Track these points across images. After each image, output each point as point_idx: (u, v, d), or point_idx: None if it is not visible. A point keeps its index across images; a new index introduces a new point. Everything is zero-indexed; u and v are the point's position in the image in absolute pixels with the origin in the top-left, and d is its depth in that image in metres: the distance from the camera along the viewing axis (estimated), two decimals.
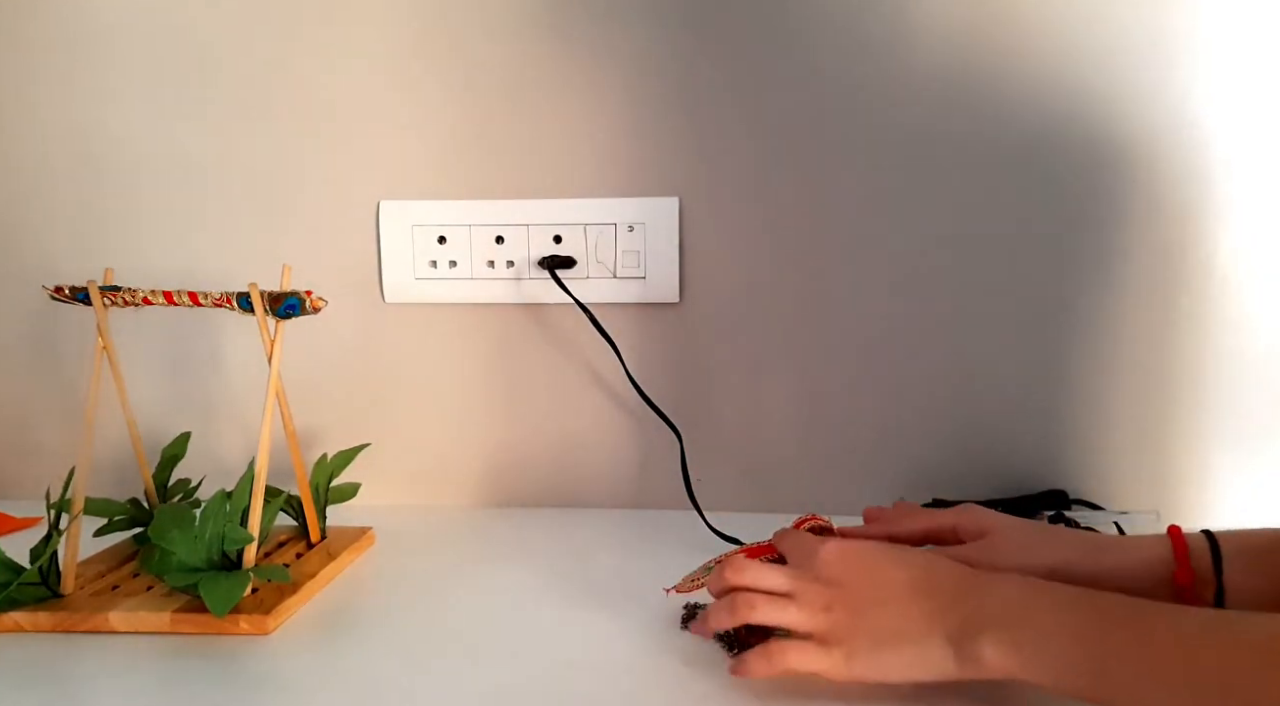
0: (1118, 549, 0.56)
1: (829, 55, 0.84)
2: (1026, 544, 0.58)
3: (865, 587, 0.52)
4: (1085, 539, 0.59)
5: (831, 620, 0.51)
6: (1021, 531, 0.59)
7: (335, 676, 0.58)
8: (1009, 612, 0.47)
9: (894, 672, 0.49)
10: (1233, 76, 0.80)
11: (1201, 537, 0.54)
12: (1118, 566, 0.55)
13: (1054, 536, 0.59)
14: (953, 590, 0.50)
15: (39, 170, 0.92)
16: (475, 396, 0.92)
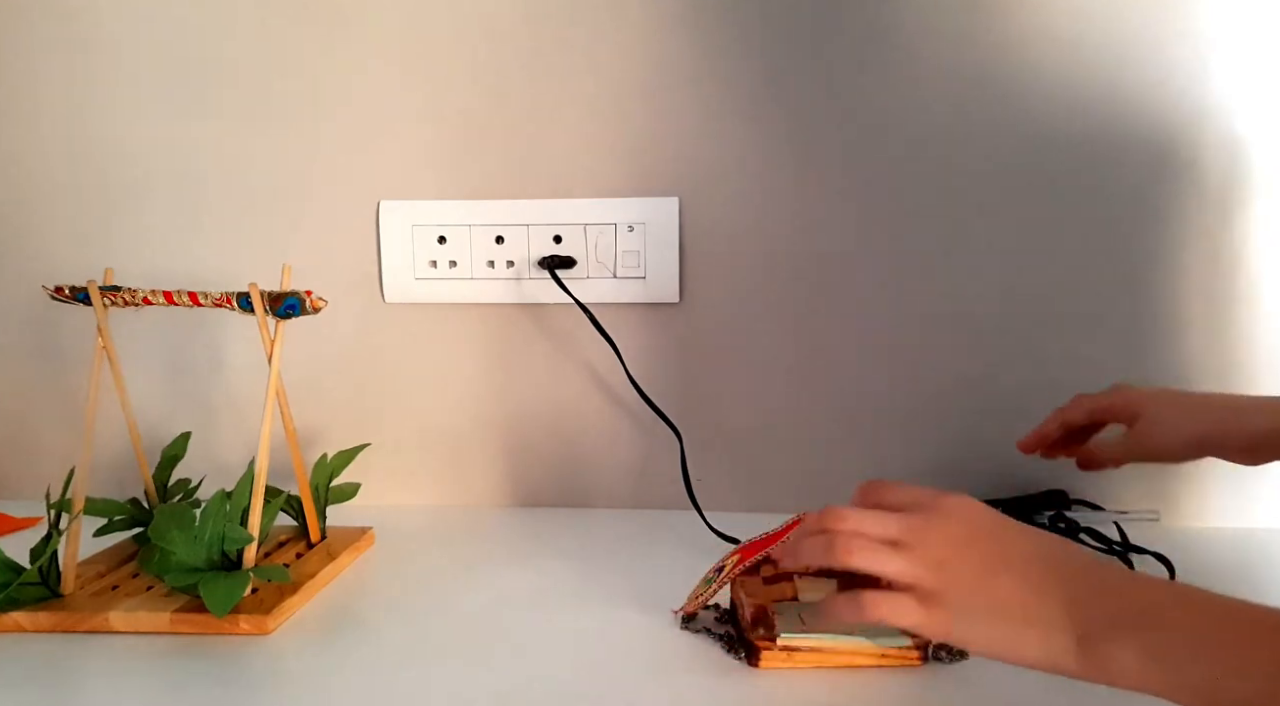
0: (1262, 412, 0.61)
1: (829, 54, 0.84)
2: (1177, 424, 0.62)
3: (992, 549, 0.46)
4: (1231, 405, 0.62)
5: (943, 578, 0.46)
6: (1172, 408, 0.63)
7: (335, 676, 0.58)
8: (1156, 618, 0.43)
9: (1005, 648, 0.45)
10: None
11: None
12: (1270, 428, 0.60)
13: (1203, 409, 0.63)
14: (1093, 582, 0.45)
15: (39, 170, 0.92)
16: (475, 396, 0.92)
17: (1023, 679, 0.57)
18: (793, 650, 0.58)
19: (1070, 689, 0.56)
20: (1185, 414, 0.63)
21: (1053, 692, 0.55)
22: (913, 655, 0.58)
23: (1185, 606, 0.43)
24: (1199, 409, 0.64)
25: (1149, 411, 0.64)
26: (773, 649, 0.58)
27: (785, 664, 0.58)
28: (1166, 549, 0.75)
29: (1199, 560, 0.78)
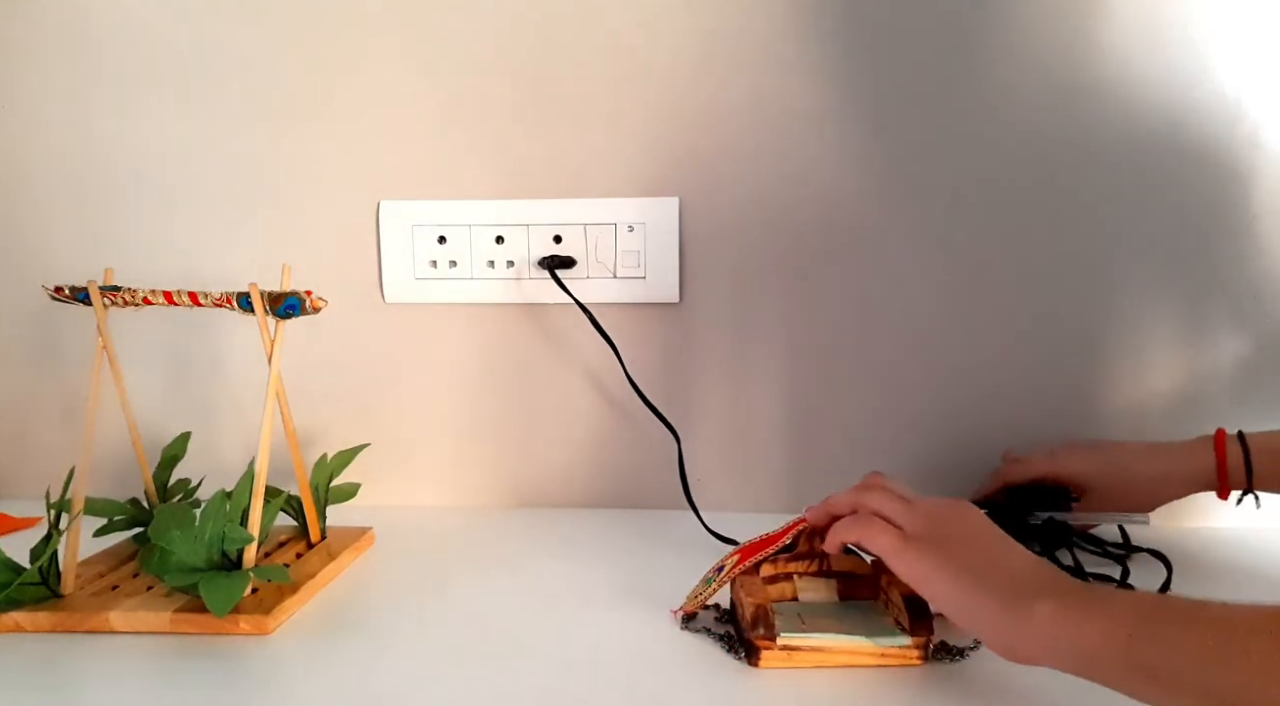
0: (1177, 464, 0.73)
1: (830, 55, 0.84)
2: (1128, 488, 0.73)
3: (964, 528, 0.55)
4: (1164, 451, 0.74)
5: (924, 526, 0.55)
6: (1110, 475, 0.74)
7: (335, 676, 0.58)
8: (1074, 589, 0.49)
9: (943, 586, 0.53)
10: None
11: (1235, 441, 0.70)
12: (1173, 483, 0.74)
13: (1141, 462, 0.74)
14: (1031, 567, 0.53)
15: (39, 170, 0.92)
16: (475, 396, 0.92)
17: (1023, 679, 0.57)
18: (793, 649, 0.58)
19: (1071, 689, 0.56)
20: (1128, 478, 0.73)
21: (1053, 693, 0.55)
22: (913, 655, 0.58)
23: (1103, 590, 0.49)
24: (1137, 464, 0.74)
25: (1095, 487, 0.73)
26: (773, 648, 0.57)
27: (785, 663, 0.58)
28: (1166, 549, 0.75)
29: (1198, 560, 0.78)
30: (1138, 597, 0.47)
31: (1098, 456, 0.76)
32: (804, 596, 0.63)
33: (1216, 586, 0.73)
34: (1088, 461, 0.76)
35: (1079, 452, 0.77)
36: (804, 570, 0.64)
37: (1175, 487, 0.74)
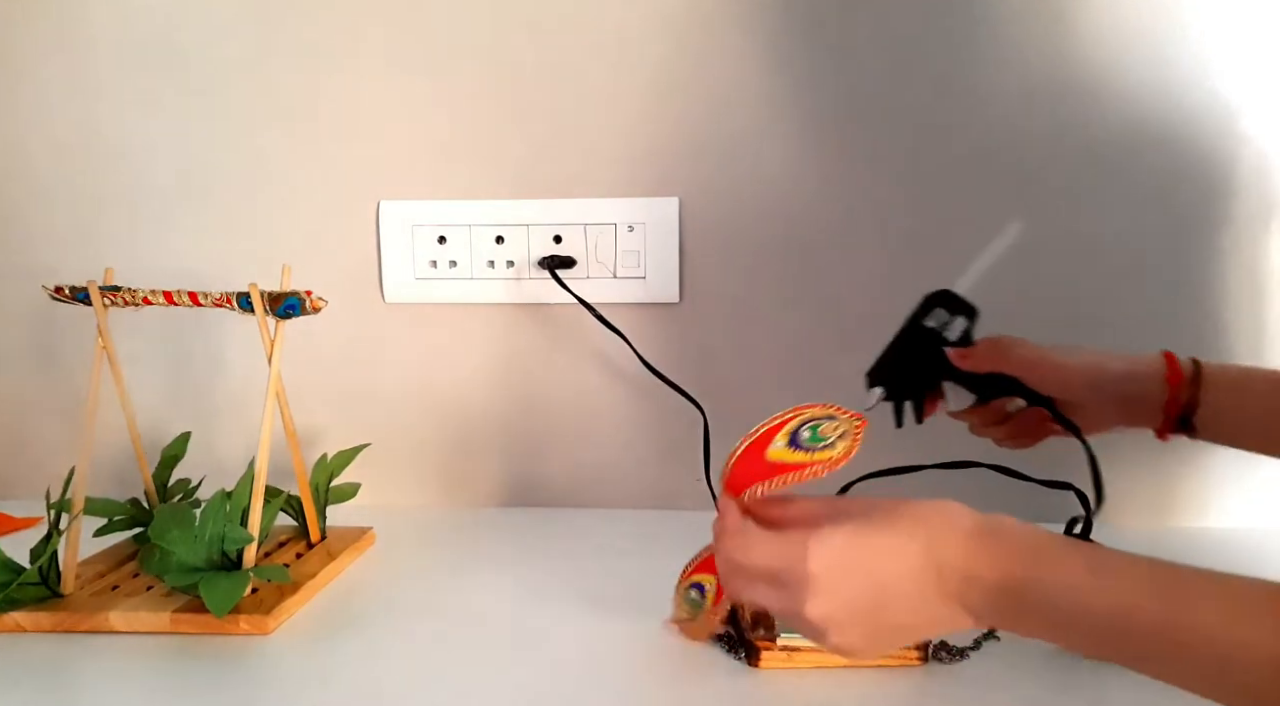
0: (1136, 357, 0.64)
1: (830, 55, 0.84)
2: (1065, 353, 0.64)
3: (864, 593, 0.46)
4: (1097, 351, 0.65)
5: (827, 630, 0.47)
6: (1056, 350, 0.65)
7: (335, 676, 0.58)
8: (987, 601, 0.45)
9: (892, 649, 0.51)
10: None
11: (1190, 363, 0.63)
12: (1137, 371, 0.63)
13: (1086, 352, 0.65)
14: (957, 558, 0.46)
15: (39, 170, 0.92)
16: (475, 396, 0.92)
17: (1023, 679, 0.57)
18: (793, 650, 0.58)
19: (1071, 689, 0.56)
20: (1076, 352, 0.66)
21: (1053, 692, 0.55)
22: (912, 655, 0.58)
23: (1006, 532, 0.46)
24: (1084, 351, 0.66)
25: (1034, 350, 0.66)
26: (773, 649, 0.58)
27: (785, 664, 0.58)
28: (1164, 549, 0.75)
29: (1193, 561, 0.78)
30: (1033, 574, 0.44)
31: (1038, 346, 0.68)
32: None
33: None
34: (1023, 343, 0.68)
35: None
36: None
37: (1114, 362, 0.65)
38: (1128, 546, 0.75)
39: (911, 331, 0.68)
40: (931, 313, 0.67)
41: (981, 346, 0.66)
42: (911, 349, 0.67)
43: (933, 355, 0.67)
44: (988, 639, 0.62)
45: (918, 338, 0.67)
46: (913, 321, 0.68)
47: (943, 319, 0.67)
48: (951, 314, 0.67)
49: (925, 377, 0.67)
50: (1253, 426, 0.62)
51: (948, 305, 0.67)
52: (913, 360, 0.67)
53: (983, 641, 0.61)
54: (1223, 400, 0.61)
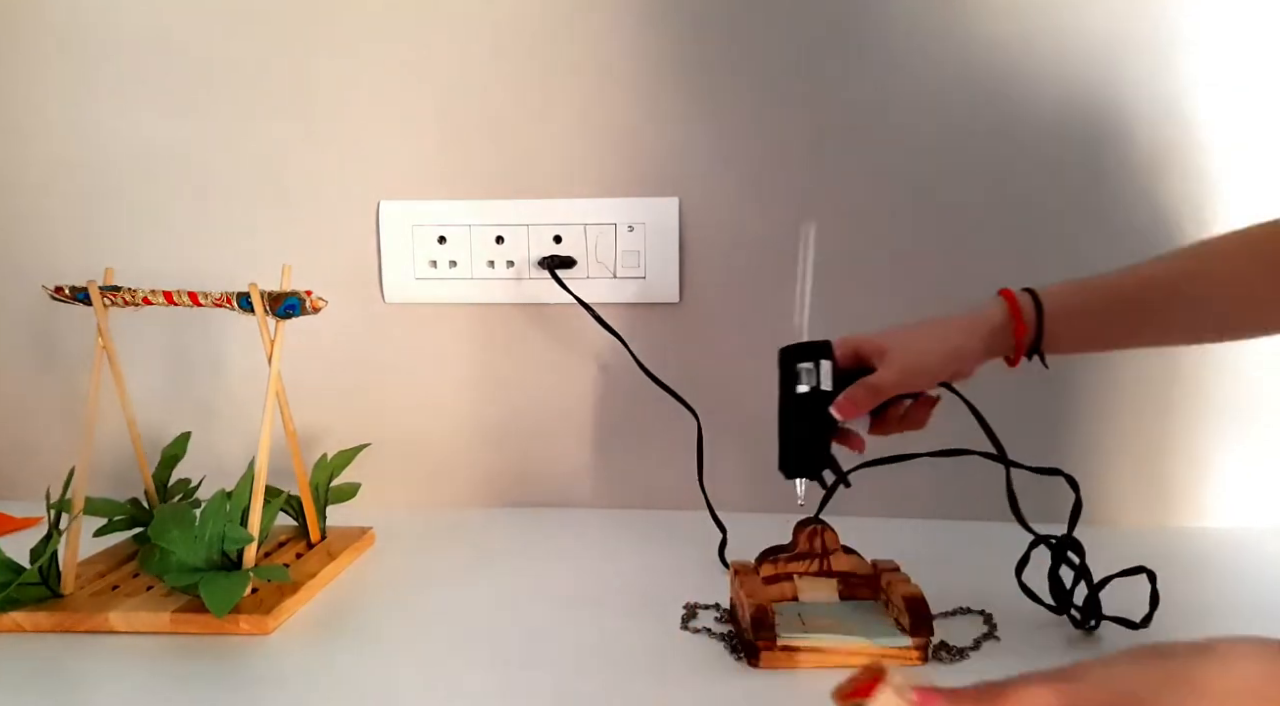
0: (978, 322, 0.64)
1: (829, 56, 0.84)
2: (919, 346, 0.64)
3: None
4: (952, 323, 0.65)
5: None
6: (911, 336, 0.65)
7: (335, 676, 0.58)
8: None
9: None
10: (1232, 74, 0.80)
11: (1027, 297, 0.64)
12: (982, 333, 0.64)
13: (935, 334, 0.65)
14: None
15: (39, 170, 0.92)
16: (475, 396, 0.92)
17: None
18: (793, 650, 0.58)
19: None
20: (921, 339, 0.65)
21: None
22: (913, 654, 0.58)
23: None
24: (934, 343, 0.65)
25: (891, 348, 0.65)
26: (773, 649, 0.57)
27: (785, 664, 0.58)
28: (1162, 548, 0.75)
29: (1189, 560, 0.78)
30: None
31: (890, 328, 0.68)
32: (804, 596, 0.64)
33: (1207, 587, 0.73)
34: (878, 331, 0.67)
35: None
36: (805, 570, 0.64)
37: (969, 339, 0.64)
38: (1126, 546, 0.75)
39: (790, 406, 0.65)
40: (796, 372, 0.65)
41: (857, 395, 0.63)
42: (801, 422, 0.64)
43: (821, 417, 0.64)
44: (987, 638, 0.62)
45: (799, 409, 0.64)
46: (786, 394, 0.65)
47: (809, 370, 0.64)
48: (813, 359, 0.65)
49: (827, 438, 0.64)
50: (1094, 340, 0.67)
51: (804, 356, 0.65)
52: (808, 433, 0.64)
53: (982, 641, 0.61)
54: (1065, 325, 0.64)
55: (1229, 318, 0.64)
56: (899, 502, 0.88)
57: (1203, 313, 0.64)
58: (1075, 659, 0.58)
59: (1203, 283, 0.63)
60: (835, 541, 0.64)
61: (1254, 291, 0.62)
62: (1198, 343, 0.68)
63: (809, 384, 0.64)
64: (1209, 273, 0.63)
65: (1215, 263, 0.63)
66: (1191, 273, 0.63)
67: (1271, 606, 0.68)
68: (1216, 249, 0.64)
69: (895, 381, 0.63)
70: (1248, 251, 0.62)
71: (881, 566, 0.64)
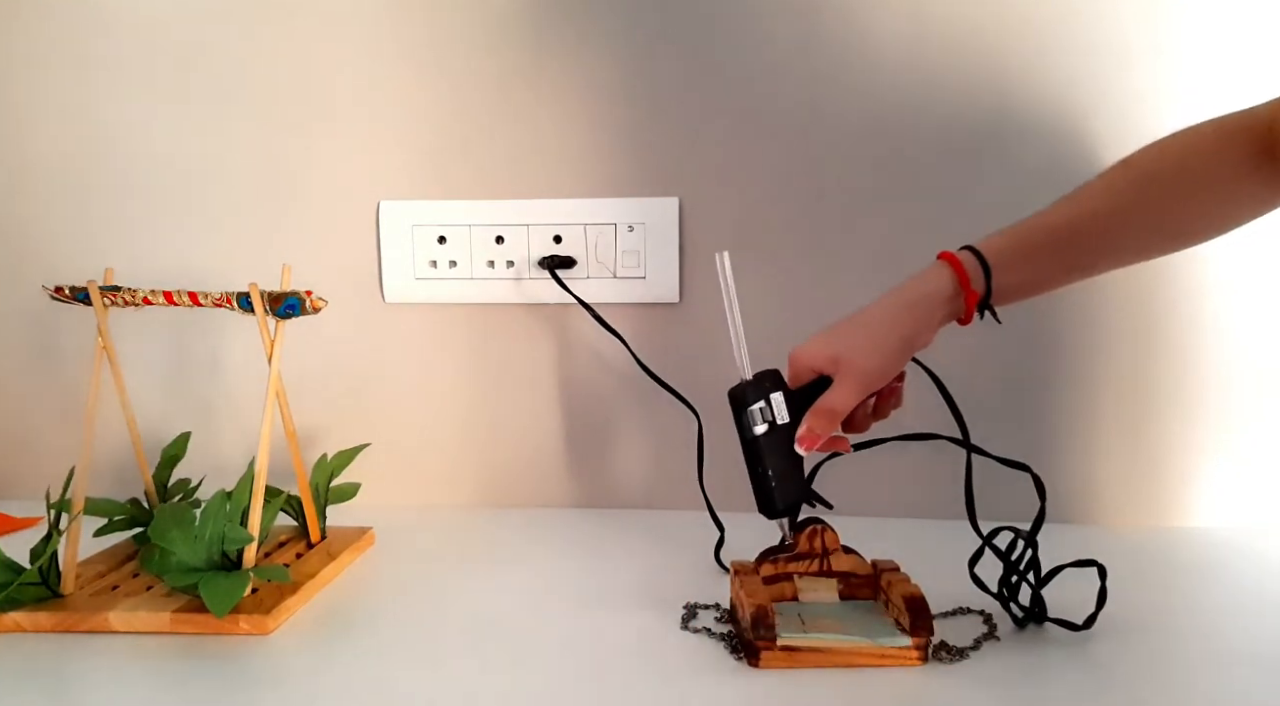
0: (927, 300, 0.63)
1: (829, 57, 0.84)
2: (870, 345, 0.62)
3: None
4: (901, 304, 0.63)
5: None
6: (861, 336, 0.63)
7: (335, 676, 0.58)
8: None
9: None
10: (1203, 81, 0.80)
11: (971, 257, 0.63)
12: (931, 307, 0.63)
13: (885, 324, 0.63)
14: None
15: (39, 170, 0.92)
16: (475, 396, 0.92)
17: (1023, 678, 0.57)
18: (793, 650, 0.58)
19: (1070, 687, 0.56)
20: (876, 334, 0.63)
21: (1054, 691, 0.55)
22: (912, 655, 0.58)
23: None
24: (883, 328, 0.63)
25: (845, 354, 0.62)
26: (773, 649, 0.58)
27: (785, 664, 0.58)
28: (1151, 549, 0.75)
29: (1177, 560, 0.78)
30: None
31: (833, 327, 0.65)
32: (804, 596, 0.64)
33: (1196, 586, 0.73)
34: (824, 335, 0.65)
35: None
36: (805, 570, 0.64)
37: (921, 317, 0.63)
38: (1116, 545, 0.75)
39: (753, 449, 0.63)
40: (747, 414, 0.62)
41: (816, 424, 0.61)
42: (769, 463, 0.62)
43: (786, 452, 0.62)
44: (987, 638, 0.62)
45: (762, 450, 0.62)
46: (744, 439, 0.63)
47: (761, 409, 0.62)
48: (763, 396, 0.62)
49: (799, 471, 0.63)
50: (1042, 283, 0.65)
51: (752, 394, 0.63)
52: (778, 472, 0.62)
53: (982, 641, 0.61)
54: (1013, 277, 0.63)
55: (1163, 240, 0.64)
56: (898, 503, 0.88)
57: (1138, 238, 0.63)
58: (1075, 659, 0.59)
59: (1132, 208, 0.62)
60: (835, 541, 0.64)
61: (1184, 188, 0.62)
62: (1146, 260, 0.66)
63: (765, 421, 0.62)
64: (1139, 198, 0.62)
65: (1144, 187, 0.62)
66: (1122, 200, 0.62)
67: (1258, 605, 0.68)
68: (1140, 169, 0.63)
69: (852, 395, 0.61)
70: (1168, 153, 0.62)
71: (881, 566, 0.64)
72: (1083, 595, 0.62)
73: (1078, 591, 0.62)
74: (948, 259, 0.63)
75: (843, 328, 0.64)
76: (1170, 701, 0.55)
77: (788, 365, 0.65)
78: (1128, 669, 0.58)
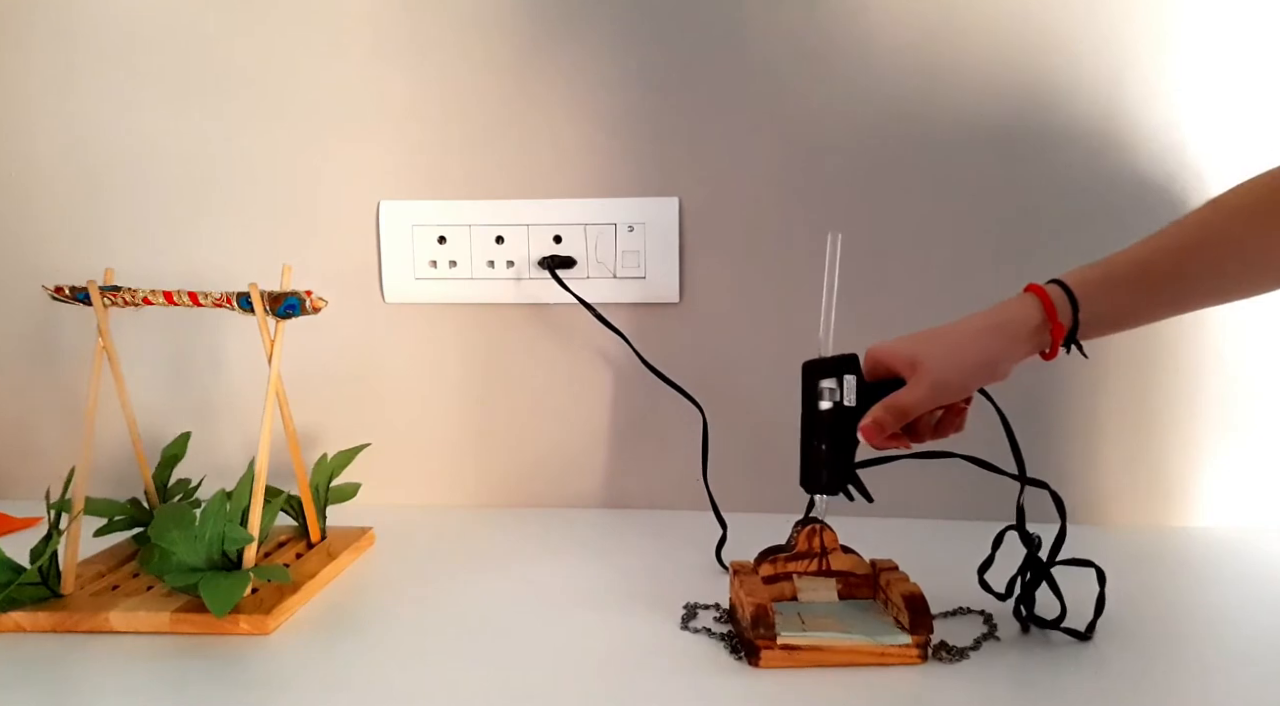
0: (1013, 325, 0.63)
1: (828, 56, 0.84)
2: (951, 357, 0.62)
3: None
4: (986, 327, 0.63)
5: None
6: (943, 345, 0.63)
7: (335, 676, 0.58)
8: None
9: None
10: (1213, 78, 0.80)
11: (1059, 290, 0.62)
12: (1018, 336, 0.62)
13: (967, 340, 0.63)
14: None
15: (39, 170, 0.92)
16: (475, 396, 0.92)
17: (1022, 678, 0.57)
18: (793, 649, 0.58)
19: (1070, 687, 0.56)
20: (960, 347, 0.63)
21: (1053, 690, 0.55)
22: (912, 653, 0.58)
23: None
24: (968, 343, 0.63)
25: (926, 357, 0.62)
26: (773, 648, 0.58)
27: (786, 663, 0.58)
28: (1155, 549, 0.75)
29: (1184, 561, 0.78)
30: None
31: (917, 334, 0.66)
32: (804, 596, 0.64)
33: (1199, 587, 0.73)
34: (907, 338, 0.65)
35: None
36: (804, 569, 0.64)
37: (1004, 344, 0.63)
38: (1120, 546, 0.75)
39: (813, 421, 0.63)
40: (818, 388, 0.63)
41: (883, 417, 0.62)
42: (824, 439, 0.63)
43: (846, 434, 0.63)
44: (987, 638, 0.62)
45: (823, 424, 0.63)
46: (808, 410, 0.64)
47: (831, 387, 0.63)
48: (836, 375, 0.63)
49: (850, 455, 0.63)
50: (1127, 320, 0.65)
51: (827, 371, 0.63)
52: (830, 450, 0.63)
53: (982, 641, 0.61)
54: (1099, 312, 0.62)
55: (1255, 275, 0.62)
56: (898, 503, 0.88)
57: (1228, 273, 0.62)
58: (1073, 660, 0.59)
59: (1221, 243, 0.61)
60: (834, 540, 0.64)
61: (1275, 220, 0.60)
62: (1232, 301, 0.65)
63: (832, 400, 0.63)
64: (1227, 232, 0.61)
65: (1231, 221, 0.61)
66: (1210, 234, 0.61)
67: (1261, 606, 0.68)
68: (1229, 205, 0.62)
69: (923, 399, 0.61)
70: (1259, 187, 0.61)
71: (880, 565, 0.65)
72: (1085, 593, 0.62)
73: (1079, 590, 0.62)
74: (1035, 291, 0.63)
75: (926, 335, 0.64)
76: (1173, 701, 0.55)
77: (864, 358, 0.65)
78: (1130, 669, 0.58)
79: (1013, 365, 0.63)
